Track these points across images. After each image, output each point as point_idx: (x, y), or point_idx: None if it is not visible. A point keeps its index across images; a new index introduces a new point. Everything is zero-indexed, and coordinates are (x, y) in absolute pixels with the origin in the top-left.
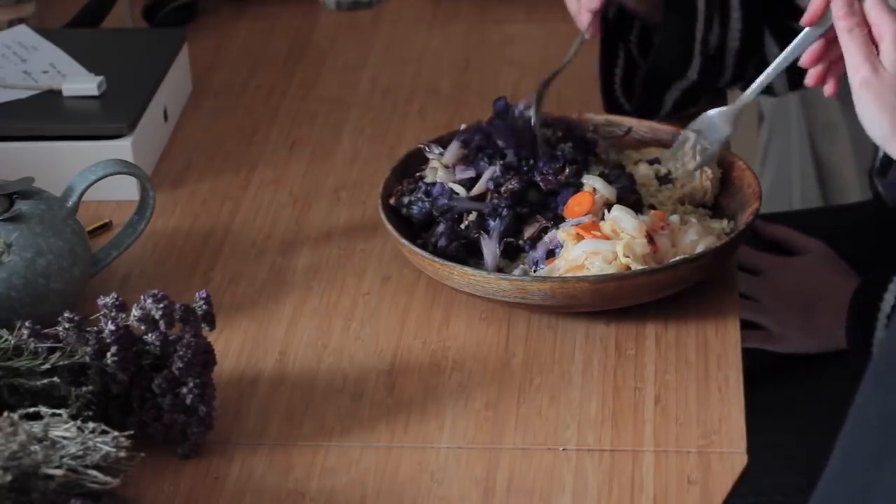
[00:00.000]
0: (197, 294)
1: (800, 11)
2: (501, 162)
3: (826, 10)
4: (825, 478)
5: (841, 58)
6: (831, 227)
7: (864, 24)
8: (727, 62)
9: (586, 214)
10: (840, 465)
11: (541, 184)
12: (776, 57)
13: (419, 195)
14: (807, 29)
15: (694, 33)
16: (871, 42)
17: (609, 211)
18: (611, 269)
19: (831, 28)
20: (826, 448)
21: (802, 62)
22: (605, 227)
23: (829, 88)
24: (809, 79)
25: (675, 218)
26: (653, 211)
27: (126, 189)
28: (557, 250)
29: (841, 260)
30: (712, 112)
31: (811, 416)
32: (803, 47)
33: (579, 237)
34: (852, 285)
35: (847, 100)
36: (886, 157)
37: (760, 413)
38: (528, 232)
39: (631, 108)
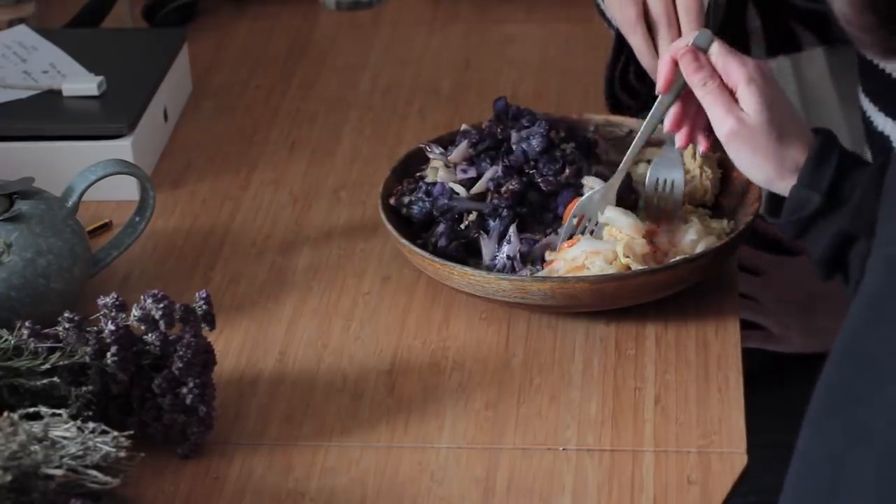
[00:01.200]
0: (197, 294)
1: None
2: (503, 162)
3: (676, 73)
4: None
5: (700, 112)
6: None
7: (716, 75)
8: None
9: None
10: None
11: (541, 184)
12: (757, 28)
13: (419, 195)
14: (660, 97)
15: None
16: (727, 90)
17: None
18: (611, 270)
19: (684, 87)
20: None
21: (666, 128)
22: (604, 230)
23: (702, 146)
24: (679, 141)
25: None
26: (647, 222)
27: (126, 189)
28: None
29: None
30: (592, 193)
31: None
32: (661, 114)
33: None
34: None
35: (847, 99)
36: (773, 197)
37: (761, 413)
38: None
39: (636, 105)
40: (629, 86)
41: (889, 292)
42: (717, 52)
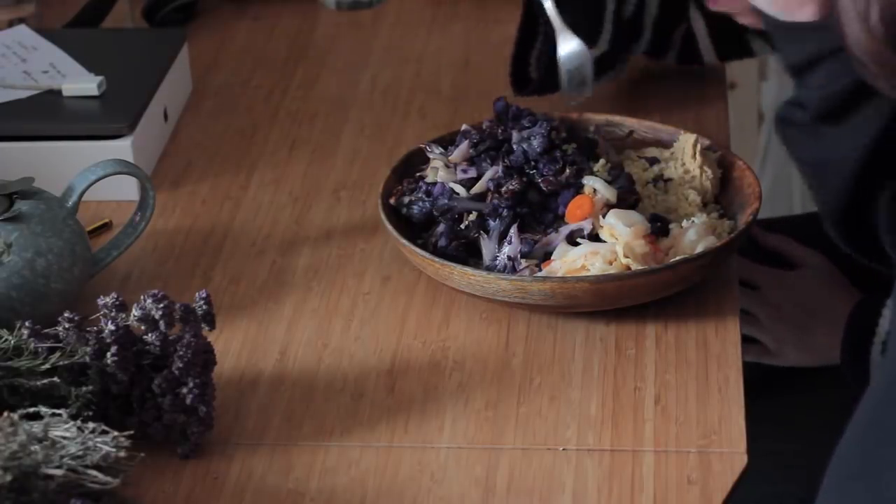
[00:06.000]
0: (197, 294)
1: None
2: (504, 162)
3: None
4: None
5: None
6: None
7: None
8: (644, 29)
9: (586, 218)
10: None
11: (541, 184)
12: (702, 30)
13: (419, 195)
14: None
15: (605, 4)
16: None
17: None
18: (611, 270)
19: None
20: (825, 459)
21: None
22: (604, 233)
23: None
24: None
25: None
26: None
27: (126, 189)
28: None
29: (840, 274)
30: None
31: (810, 426)
32: None
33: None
34: (850, 302)
35: None
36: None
37: (759, 422)
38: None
39: (538, 85)
40: (541, 67)
41: None
42: None
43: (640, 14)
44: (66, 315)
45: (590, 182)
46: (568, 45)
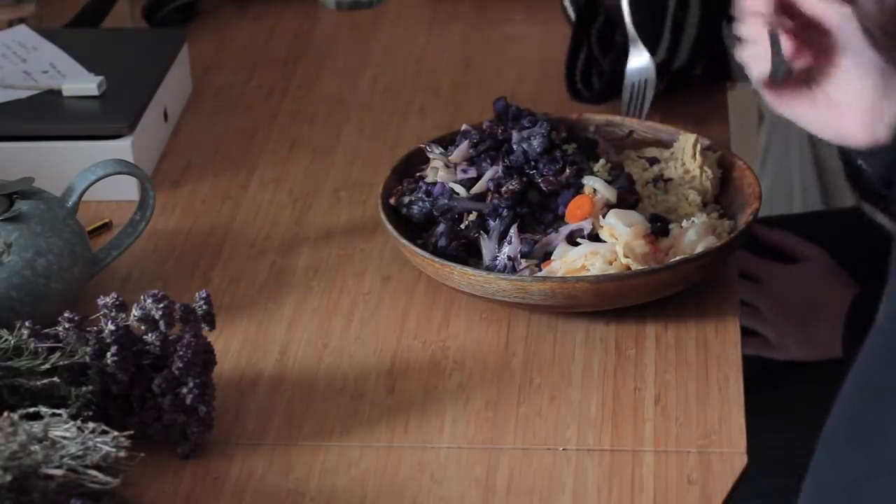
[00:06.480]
0: (197, 294)
1: None
2: (504, 162)
3: None
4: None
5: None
6: (831, 233)
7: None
8: (682, 48)
9: (586, 218)
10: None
11: (541, 184)
12: (733, 47)
13: (419, 195)
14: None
15: (665, 14)
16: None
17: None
18: (611, 270)
19: None
20: None
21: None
22: (604, 233)
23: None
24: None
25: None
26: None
27: (126, 189)
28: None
29: (840, 268)
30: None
31: (811, 419)
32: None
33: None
34: (850, 297)
35: None
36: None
37: (760, 416)
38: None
39: (591, 97)
40: (588, 80)
41: None
42: None
43: (679, 32)
44: (66, 315)
45: (590, 182)
46: (638, 59)
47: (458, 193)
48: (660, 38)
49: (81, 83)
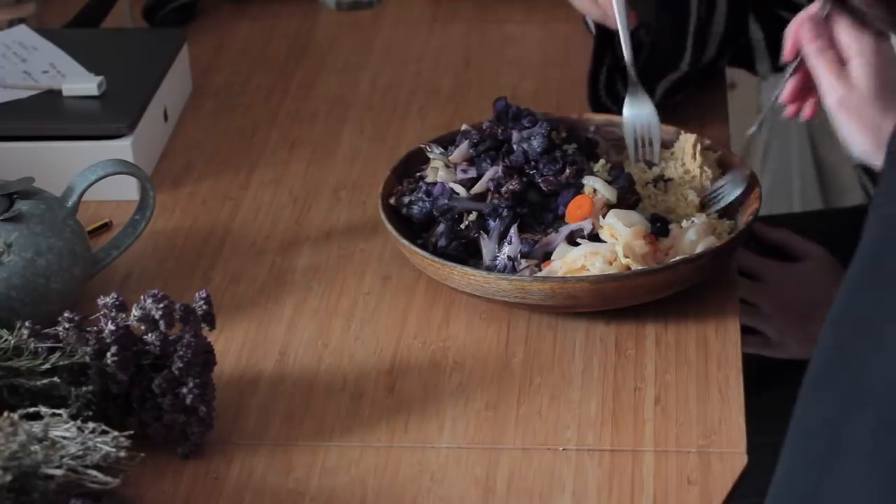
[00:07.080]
0: (197, 294)
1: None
2: (504, 162)
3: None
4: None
5: (813, 87)
6: (831, 232)
7: (832, 47)
8: (709, 45)
9: (586, 218)
10: (786, 476)
11: (541, 184)
12: (760, 41)
13: (419, 195)
14: (788, 65)
15: (687, 27)
16: (839, 61)
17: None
18: (611, 270)
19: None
20: None
21: (782, 100)
22: (604, 233)
23: (807, 112)
24: (788, 111)
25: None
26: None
27: (126, 189)
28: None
29: (841, 267)
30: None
31: None
32: (785, 81)
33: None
34: None
35: None
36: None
37: (761, 414)
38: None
39: (618, 109)
40: (612, 90)
41: (886, 253)
42: (843, 27)
43: (706, 30)
44: (66, 315)
45: (590, 182)
46: (638, 106)
47: (458, 193)
48: (684, 45)
49: (81, 83)
